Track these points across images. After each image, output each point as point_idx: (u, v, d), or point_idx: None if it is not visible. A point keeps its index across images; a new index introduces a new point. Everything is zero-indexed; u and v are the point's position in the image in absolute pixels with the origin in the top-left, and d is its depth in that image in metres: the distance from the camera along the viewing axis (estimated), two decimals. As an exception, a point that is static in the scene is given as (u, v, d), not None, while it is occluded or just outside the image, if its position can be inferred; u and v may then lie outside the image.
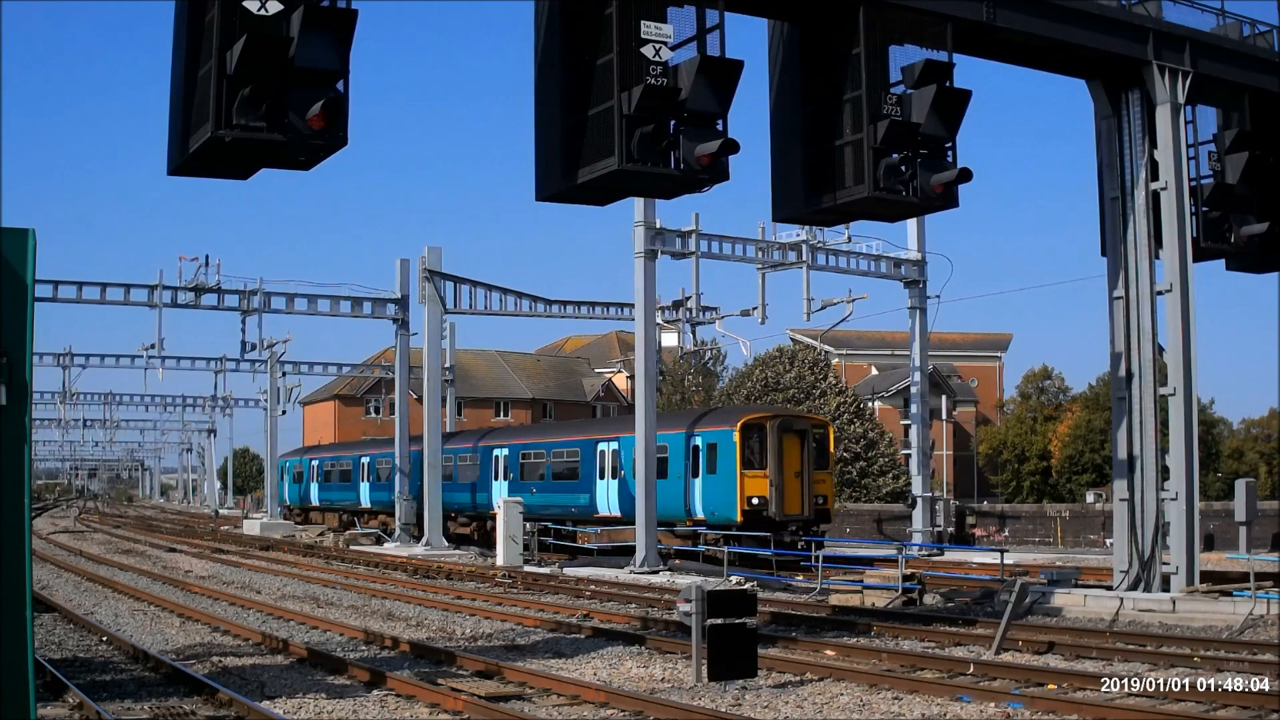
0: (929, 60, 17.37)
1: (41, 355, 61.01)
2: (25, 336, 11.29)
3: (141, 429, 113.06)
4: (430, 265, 42.45)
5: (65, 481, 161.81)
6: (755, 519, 31.38)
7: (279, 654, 18.18)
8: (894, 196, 17.24)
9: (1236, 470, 67.16)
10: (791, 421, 33.86)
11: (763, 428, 32.49)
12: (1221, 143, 22.31)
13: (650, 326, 32.79)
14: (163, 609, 24.59)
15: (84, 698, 13.56)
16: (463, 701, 13.62)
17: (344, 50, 13.76)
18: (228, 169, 14.73)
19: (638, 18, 15.31)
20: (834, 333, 57.19)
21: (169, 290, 41.88)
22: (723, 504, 32.19)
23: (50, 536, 54.81)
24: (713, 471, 32.59)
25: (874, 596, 23.98)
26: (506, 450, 42.91)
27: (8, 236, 11.33)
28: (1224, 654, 16.71)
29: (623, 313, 46.46)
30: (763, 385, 65.19)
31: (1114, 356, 22.51)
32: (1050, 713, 13.16)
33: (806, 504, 32.33)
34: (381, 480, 51.51)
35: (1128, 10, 21.38)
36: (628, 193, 18.51)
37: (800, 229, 34.11)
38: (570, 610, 23.45)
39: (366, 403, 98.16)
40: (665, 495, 32.89)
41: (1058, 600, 22.19)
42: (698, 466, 32.96)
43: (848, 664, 16.53)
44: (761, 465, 32.04)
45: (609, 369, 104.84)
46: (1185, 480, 21.41)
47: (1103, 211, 22.77)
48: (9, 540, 11.01)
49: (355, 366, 78.08)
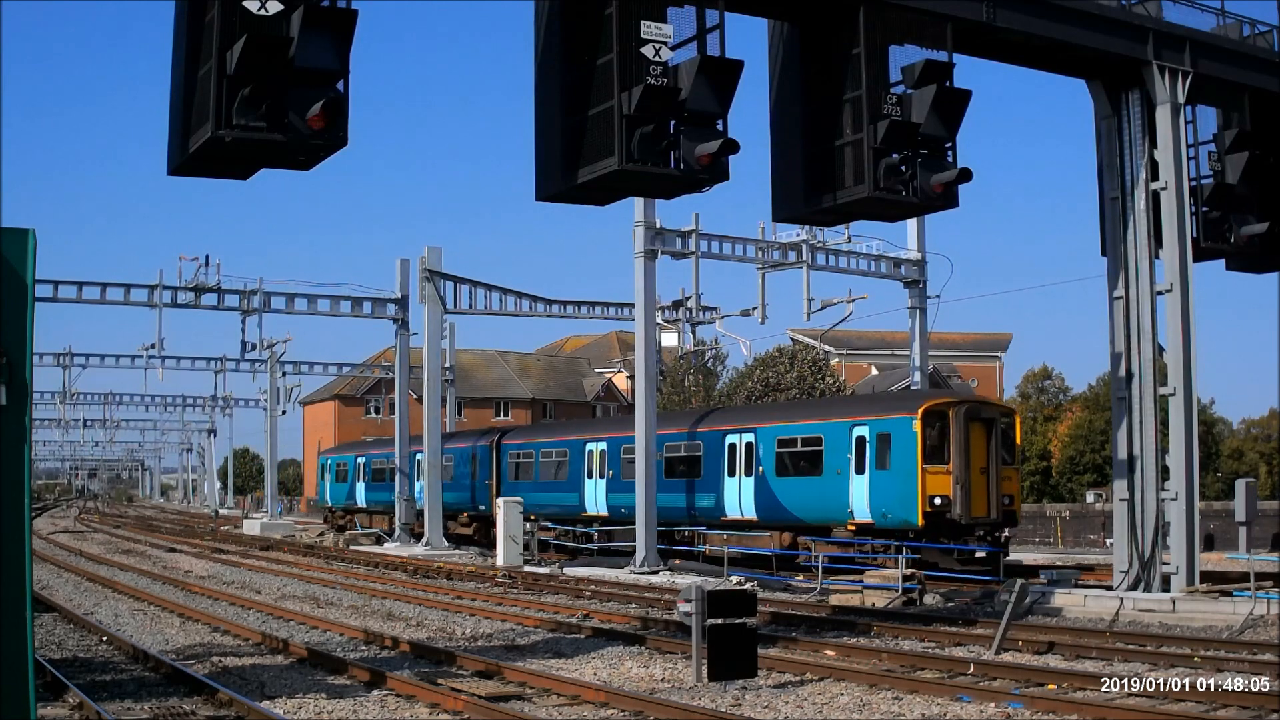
0: (929, 60, 17.37)
1: (41, 355, 61.09)
2: (25, 336, 11.29)
3: (141, 429, 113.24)
4: (430, 265, 42.46)
5: (65, 481, 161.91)
6: (937, 522, 27.05)
7: (279, 654, 18.18)
8: (894, 196, 17.25)
9: (1236, 470, 67.14)
10: (978, 408, 29.07)
11: (945, 415, 27.88)
12: (1221, 143, 22.31)
13: (650, 326, 32.78)
14: (163, 609, 24.60)
15: (84, 698, 13.56)
16: (463, 701, 13.62)
17: (344, 50, 13.77)
18: (228, 169, 14.74)
19: (638, 18, 15.32)
20: (834, 333, 57.19)
21: (169, 290, 41.90)
22: (898, 505, 27.46)
23: (50, 536, 54.82)
24: (884, 467, 27.95)
25: (874, 596, 23.99)
26: (604, 444, 37.83)
27: (8, 236, 11.33)
28: (1224, 654, 16.71)
29: (623, 313, 46.46)
30: (763, 385, 65.15)
31: (1114, 356, 22.51)
32: (1050, 713, 13.16)
33: (994, 505, 27.78)
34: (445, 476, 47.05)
35: (1128, 10, 21.38)
36: (628, 193, 18.51)
37: (800, 229, 34.09)
38: (570, 610, 23.45)
39: (366, 403, 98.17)
40: (819, 495, 29.45)
41: (1058, 600, 22.20)
42: (863, 461, 28.42)
43: (848, 664, 16.53)
44: (944, 459, 27.48)
45: (609, 369, 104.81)
46: (1185, 480, 21.41)
47: (1103, 211, 22.77)
48: (9, 540, 11.01)
49: (355, 366, 78.08)
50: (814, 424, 30.65)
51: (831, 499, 29.07)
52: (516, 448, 43.27)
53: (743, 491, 31.78)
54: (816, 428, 30.36)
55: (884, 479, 27.87)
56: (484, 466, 43.86)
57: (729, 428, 33.04)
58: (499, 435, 44.92)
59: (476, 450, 44.79)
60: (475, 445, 45.35)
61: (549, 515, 39.21)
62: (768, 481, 31.13)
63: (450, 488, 45.26)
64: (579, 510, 37.72)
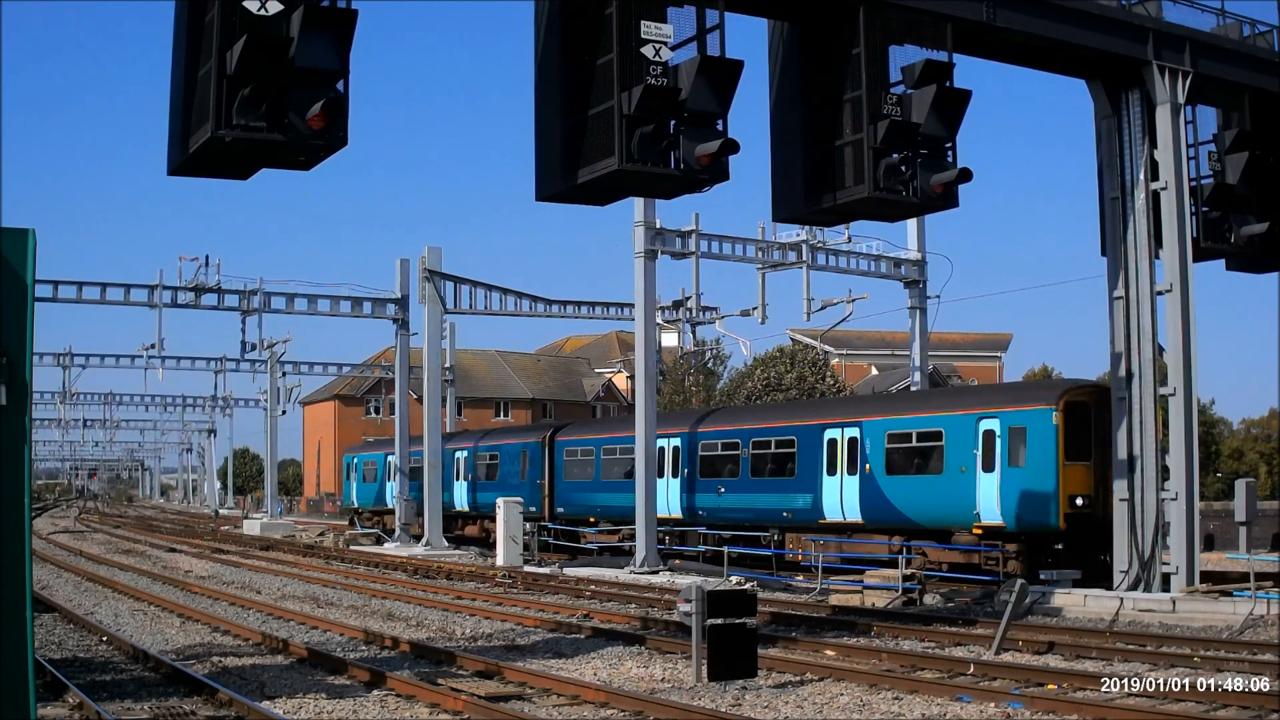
0: (929, 60, 17.39)
1: (41, 355, 61.01)
2: (25, 336, 11.29)
3: (141, 429, 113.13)
4: (430, 265, 42.46)
5: (65, 481, 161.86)
6: (1079, 524, 24.54)
7: (279, 654, 18.18)
8: (894, 196, 17.26)
9: (1236, 470, 67.10)
10: None
11: (1088, 406, 25.21)
12: (1221, 143, 22.32)
13: (650, 326, 32.77)
14: (163, 609, 24.59)
15: (84, 698, 13.56)
16: (463, 701, 13.62)
17: (344, 50, 13.78)
18: (228, 169, 14.75)
19: (638, 18, 15.33)
20: (834, 333, 57.17)
21: (169, 290, 41.88)
22: (1033, 506, 24.97)
23: (50, 536, 54.82)
24: (1018, 464, 25.31)
25: (874, 596, 23.99)
26: (676, 440, 34.60)
27: (8, 236, 11.33)
28: (1224, 654, 16.71)
29: (623, 313, 46.44)
30: (764, 385, 65.19)
31: (1114, 356, 22.52)
32: (1050, 713, 13.16)
33: None
34: (488, 477, 44.43)
35: (1128, 10, 21.39)
36: (628, 193, 18.52)
37: (800, 229, 34.08)
38: (570, 610, 23.46)
39: (366, 403, 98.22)
40: (938, 495, 26.88)
41: (1058, 600, 22.21)
42: (991, 458, 25.74)
43: (848, 664, 16.53)
44: (1087, 455, 24.87)
45: (609, 369, 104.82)
46: (1185, 480, 21.42)
47: (1103, 211, 22.78)
48: (9, 540, 11.01)
49: (355, 366, 78.08)
50: (932, 416, 27.88)
51: (954, 499, 26.31)
52: (574, 444, 40.04)
53: (845, 492, 29.22)
54: (935, 420, 27.63)
55: (1017, 477, 25.28)
56: (535, 465, 41.07)
57: (829, 421, 30.52)
58: (551, 431, 41.75)
59: (527, 448, 41.91)
60: (525, 442, 42.45)
61: (613, 518, 35.71)
62: (875, 480, 28.50)
63: (493, 488, 42.30)
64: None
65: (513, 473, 42.56)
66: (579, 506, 38.91)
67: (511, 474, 42.69)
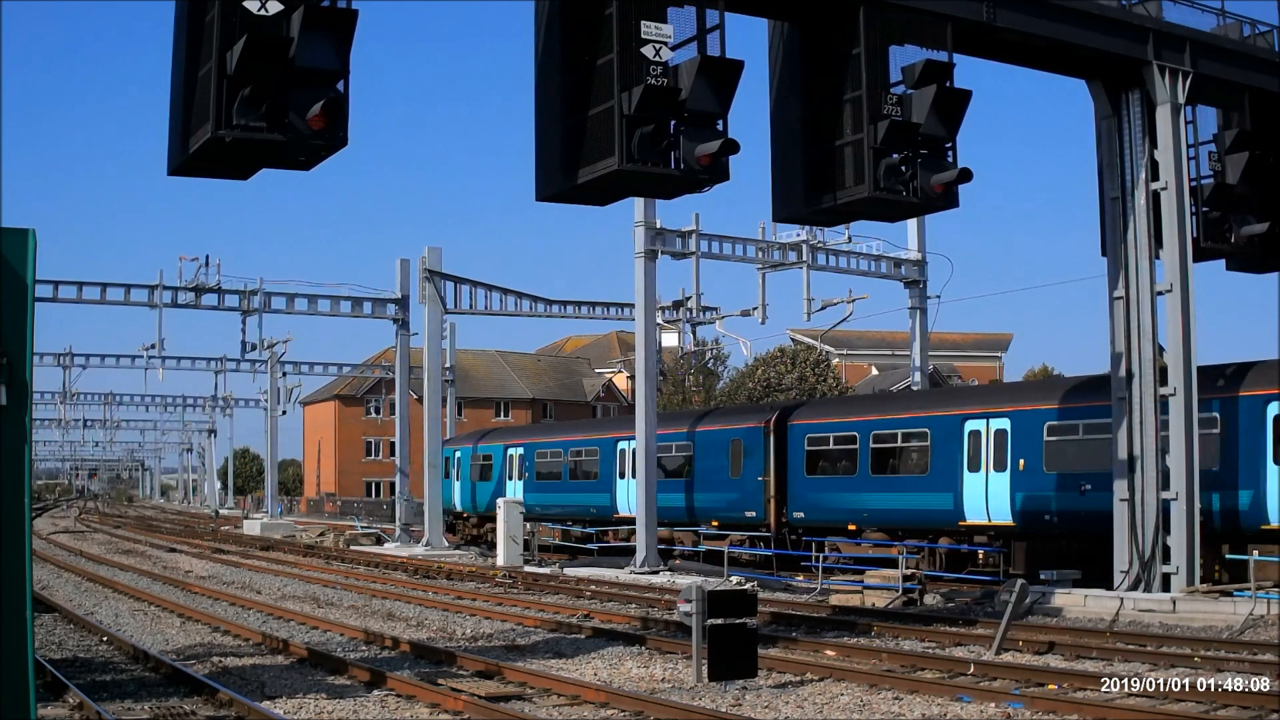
0: (929, 60, 17.38)
1: (41, 355, 61.04)
2: (25, 336, 11.29)
3: (141, 429, 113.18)
4: (430, 265, 42.48)
5: (65, 481, 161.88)
6: None
7: (279, 654, 18.17)
8: (894, 196, 17.26)
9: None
10: None
11: None
12: (1221, 143, 22.32)
13: (650, 326, 32.78)
14: (163, 609, 24.60)
15: (84, 698, 13.56)
16: (463, 701, 13.61)
17: (344, 50, 13.78)
18: (228, 169, 14.75)
19: (638, 18, 15.33)
20: (834, 333, 57.15)
21: (169, 290, 41.92)
22: None
23: (50, 536, 54.81)
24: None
25: (874, 597, 23.97)
26: (1005, 420, 27.10)
27: (8, 236, 11.33)
28: (1224, 654, 16.70)
29: (623, 313, 46.46)
30: (764, 385, 65.21)
31: (1114, 356, 22.51)
32: (1050, 713, 13.16)
33: None
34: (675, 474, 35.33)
35: (1128, 10, 21.38)
36: (628, 193, 18.52)
37: (800, 229, 34.09)
38: (570, 610, 23.45)
39: (367, 403, 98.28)
40: None
41: (1058, 600, 22.20)
42: None
43: (848, 664, 16.53)
44: None
45: (609, 369, 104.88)
46: (1185, 480, 21.41)
47: (1103, 211, 22.77)
48: (9, 540, 11.01)
49: (355, 366, 78.13)
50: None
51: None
52: (824, 429, 31.30)
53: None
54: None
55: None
56: (753, 458, 32.37)
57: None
58: (776, 414, 32.77)
59: (740, 436, 33.15)
60: (738, 429, 33.66)
61: (896, 525, 28.62)
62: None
63: (686, 489, 34.46)
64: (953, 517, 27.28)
65: (718, 468, 33.58)
66: (830, 510, 30.12)
67: (716, 469, 33.70)
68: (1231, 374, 23.81)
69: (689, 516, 34.09)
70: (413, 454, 47.91)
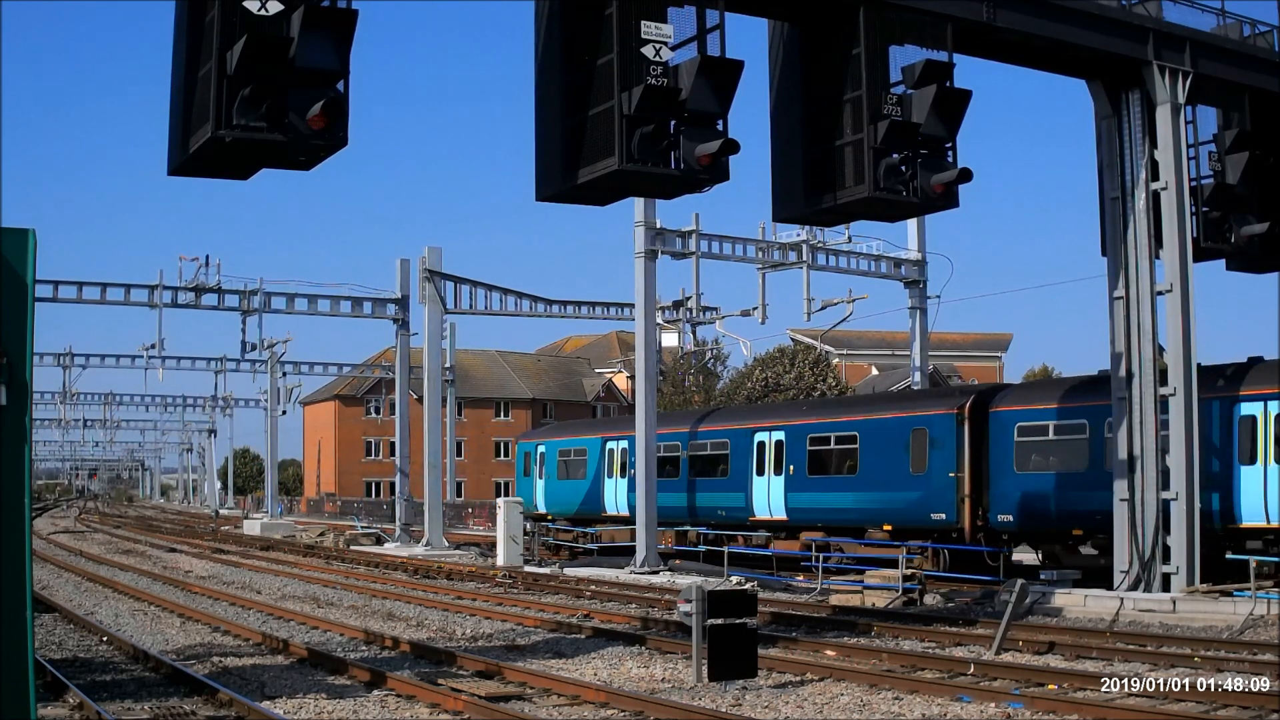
0: (929, 60, 17.39)
1: (41, 355, 61.04)
2: (25, 336, 11.29)
3: (141, 429, 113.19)
4: (430, 265, 42.47)
5: (65, 481, 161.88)
6: None
7: (279, 654, 18.17)
8: (894, 196, 17.26)
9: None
10: None
11: None
12: (1221, 143, 22.33)
13: (650, 326, 32.78)
14: (163, 609, 24.59)
15: (84, 698, 13.56)
16: (463, 701, 13.62)
17: (344, 50, 13.78)
18: (228, 169, 14.75)
19: (638, 18, 15.33)
20: (834, 333, 57.16)
21: (169, 290, 41.91)
22: None
23: (50, 536, 54.81)
24: None
25: (874, 597, 23.96)
26: None
27: (8, 236, 11.33)
28: (1224, 654, 16.70)
29: (623, 313, 46.45)
30: (764, 385, 65.17)
31: (1114, 356, 22.51)
32: (1050, 713, 13.16)
33: None
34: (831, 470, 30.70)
35: (1128, 10, 21.39)
36: (628, 193, 18.51)
37: (800, 229, 34.09)
38: (570, 610, 23.45)
39: (367, 403, 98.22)
40: None
41: (1058, 600, 22.20)
42: None
43: (848, 664, 16.53)
44: None
45: (609, 369, 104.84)
46: (1185, 480, 21.40)
47: (1103, 211, 22.77)
48: (9, 540, 11.01)
49: (355, 366, 78.11)
50: None
51: None
52: (1035, 416, 26.18)
53: None
54: None
55: None
56: (942, 450, 27.55)
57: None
58: (971, 398, 27.87)
59: (928, 424, 28.17)
60: (920, 416, 28.69)
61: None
62: None
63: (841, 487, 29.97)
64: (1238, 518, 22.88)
65: (883, 465, 28.91)
66: (1052, 510, 25.55)
67: (882, 466, 28.95)
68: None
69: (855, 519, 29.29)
70: (413, 454, 47.94)
